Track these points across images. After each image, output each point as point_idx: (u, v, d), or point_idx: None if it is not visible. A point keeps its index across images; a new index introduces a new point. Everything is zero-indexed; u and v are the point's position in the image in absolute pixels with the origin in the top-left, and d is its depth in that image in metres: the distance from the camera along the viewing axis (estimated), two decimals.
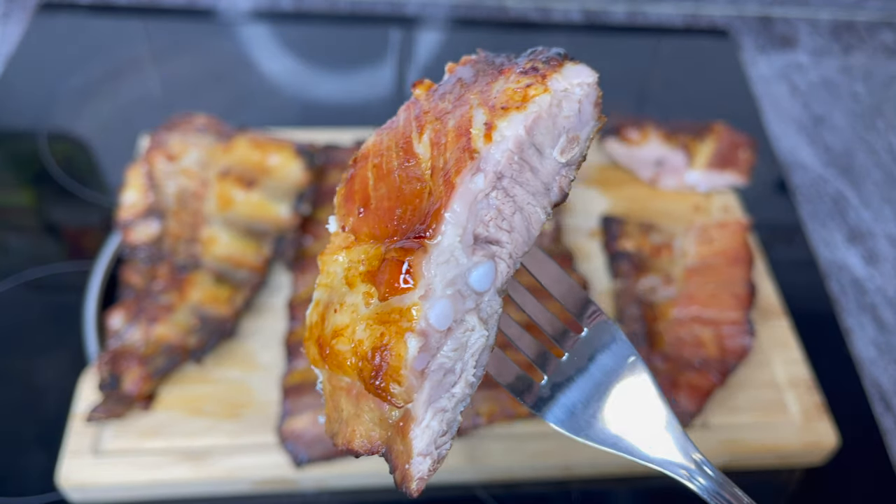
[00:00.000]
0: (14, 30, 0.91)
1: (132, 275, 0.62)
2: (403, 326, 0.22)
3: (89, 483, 0.52)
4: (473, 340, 0.23)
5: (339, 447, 0.25)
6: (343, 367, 0.24)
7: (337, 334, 0.24)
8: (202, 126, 0.68)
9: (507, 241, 0.23)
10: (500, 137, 0.22)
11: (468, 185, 0.22)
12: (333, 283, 0.25)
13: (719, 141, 0.72)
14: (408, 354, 0.22)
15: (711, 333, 0.60)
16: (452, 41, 0.96)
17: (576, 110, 0.24)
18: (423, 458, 0.23)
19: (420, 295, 0.22)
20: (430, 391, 0.23)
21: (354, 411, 0.24)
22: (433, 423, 0.23)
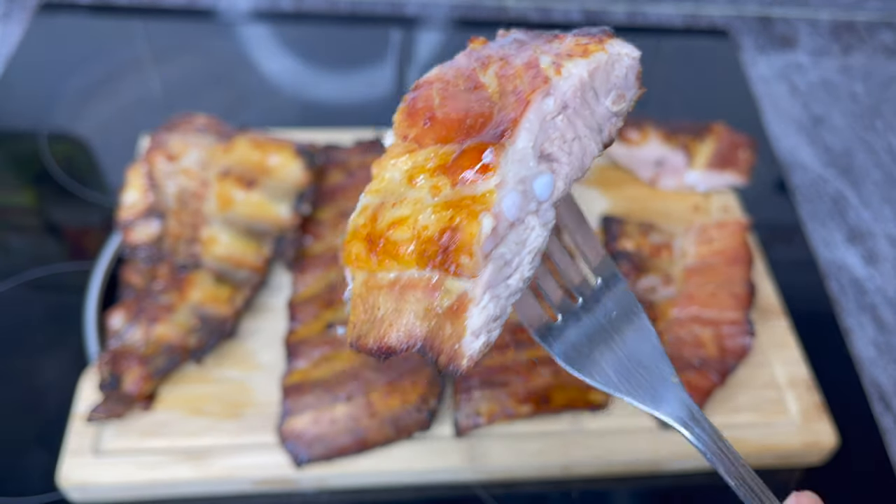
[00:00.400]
0: (14, 30, 0.91)
1: (132, 275, 0.62)
2: (477, 209, 0.23)
3: (90, 482, 0.52)
4: (532, 239, 0.25)
5: (367, 346, 0.25)
6: (397, 255, 0.24)
7: (395, 224, 0.25)
8: (202, 126, 0.68)
9: (566, 162, 0.26)
10: (568, 74, 0.26)
11: (540, 104, 0.25)
12: (389, 186, 0.26)
13: (719, 141, 0.72)
14: (481, 231, 0.23)
15: (711, 333, 0.60)
16: (453, 41, 0.96)
17: (624, 73, 0.27)
18: (474, 337, 0.24)
19: (496, 183, 0.24)
20: (491, 275, 0.24)
21: (395, 307, 0.25)
22: (489, 306, 0.24)
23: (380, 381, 0.56)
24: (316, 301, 0.61)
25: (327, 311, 0.61)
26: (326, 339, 0.59)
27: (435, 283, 0.24)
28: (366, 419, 0.54)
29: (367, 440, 0.54)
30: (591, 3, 1.01)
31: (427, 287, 0.24)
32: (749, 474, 0.28)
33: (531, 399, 0.55)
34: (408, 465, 0.54)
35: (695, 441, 0.28)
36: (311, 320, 0.60)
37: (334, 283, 0.62)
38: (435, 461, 0.55)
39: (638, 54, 0.28)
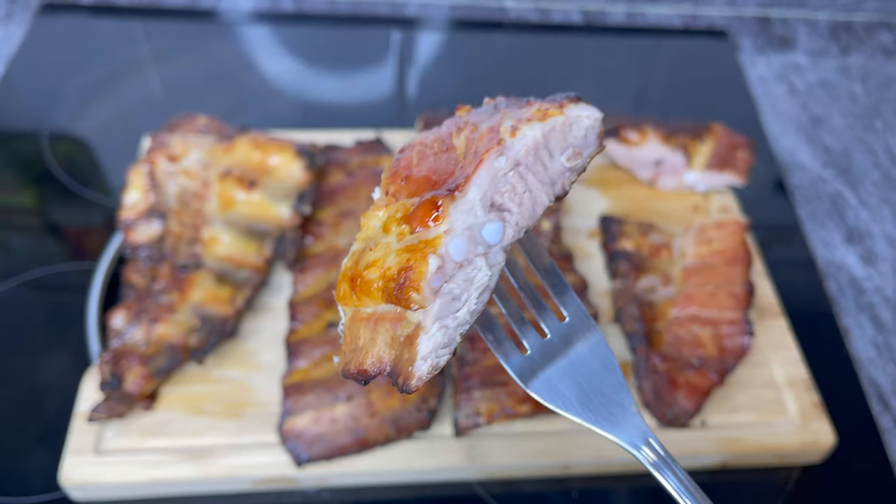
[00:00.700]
0: (16, 30, 0.91)
1: (133, 275, 0.62)
2: (427, 251, 0.28)
3: (91, 482, 0.52)
4: (479, 278, 0.29)
5: (350, 372, 0.30)
6: (370, 292, 0.29)
7: (369, 266, 0.29)
8: (203, 127, 0.68)
9: (516, 212, 0.30)
10: (522, 136, 0.30)
11: (493, 162, 0.29)
12: (371, 233, 0.31)
13: (718, 141, 0.73)
14: (428, 270, 0.27)
15: (710, 333, 0.60)
16: (452, 42, 0.96)
17: (582, 134, 0.31)
18: (423, 361, 0.28)
19: (444, 230, 0.28)
20: (440, 308, 0.28)
21: (370, 336, 0.30)
22: (437, 335, 0.28)
23: (380, 380, 0.56)
24: (316, 301, 0.61)
25: (328, 311, 0.61)
26: (327, 339, 0.59)
27: (399, 314, 0.29)
28: (366, 419, 0.55)
29: (367, 440, 0.54)
30: (591, 3, 1.01)
31: (394, 319, 0.29)
32: (697, 491, 0.31)
33: (530, 398, 0.56)
34: (408, 465, 0.55)
35: (646, 464, 0.31)
36: (311, 320, 0.61)
37: (334, 283, 0.62)
38: (435, 460, 0.55)
39: (599, 116, 0.31)
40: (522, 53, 0.95)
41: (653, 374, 0.58)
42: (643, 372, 0.58)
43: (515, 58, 0.94)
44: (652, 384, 0.57)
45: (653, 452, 0.31)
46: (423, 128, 0.73)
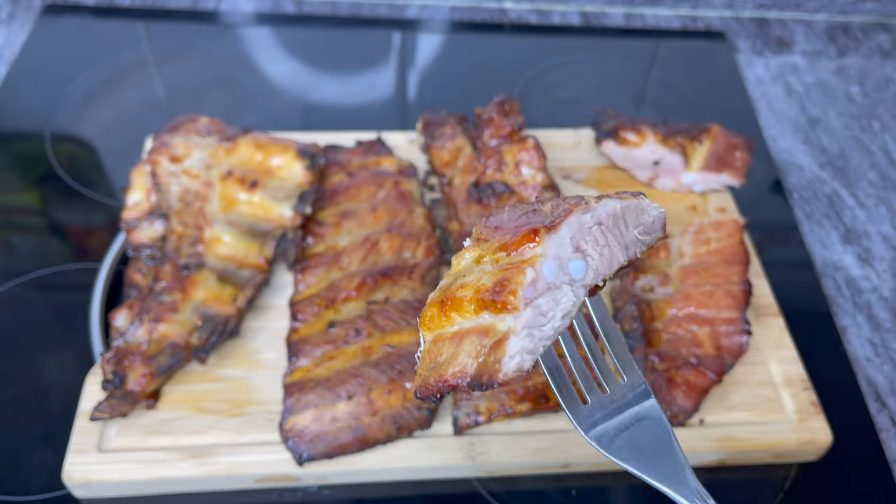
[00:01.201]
0: (19, 32, 0.92)
1: (136, 274, 0.62)
2: (524, 265, 0.31)
3: (94, 480, 0.53)
4: (564, 302, 0.33)
5: (429, 386, 0.33)
6: (461, 307, 0.32)
7: (462, 287, 0.33)
8: (205, 128, 0.69)
9: (597, 259, 0.34)
10: (605, 203, 0.35)
11: (580, 215, 0.34)
12: (461, 269, 0.34)
13: (715, 142, 0.73)
14: (525, 279, 0.31)
15: (708, 332, 0.61)
16: (453, 44, 0.97)
17: (652, 220, 0.37)
18: (511, 359, 0.31)
19: (539, 253, 0.32)
20: (530, 317, 0.32)
21: (454, 351, 0.32)
22: (525, 340, 0.31)
23: (381, 379, 0.56)
24: (317, 300, 0.62)
25: (329, 311, 0.61)
26: (328, 338, 0.59)
27: (486, 326, 0.32)
28: (367, 417, 0.55)
29: (368, 438, 0.55)
30: (589, 5, 1.02)
31: (480, 331, 0.32)
32: None
33: (530, 397, 0.56)
34: (408, 463, 0.55)
35: None
36: (312, 319, 0.61)
37: (335, 283, 0.63)
38: (435, 458, 0.55)
39: (664, 212, 0.37)
40: (522, 55, 0.95)
41: (651, 373, 0.58)
42: (642, 371, 0.58)
43: (515, 59, 0.94)
44: (650, 383, 0.58)
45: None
46: (424, 128, 0.74)
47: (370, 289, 0.62)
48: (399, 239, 0.65)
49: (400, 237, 0.65)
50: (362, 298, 0.61)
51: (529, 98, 0.89)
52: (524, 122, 0.70)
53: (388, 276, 0.63)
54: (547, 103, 0.89)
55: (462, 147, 0.71)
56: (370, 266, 0.64)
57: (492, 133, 0.70)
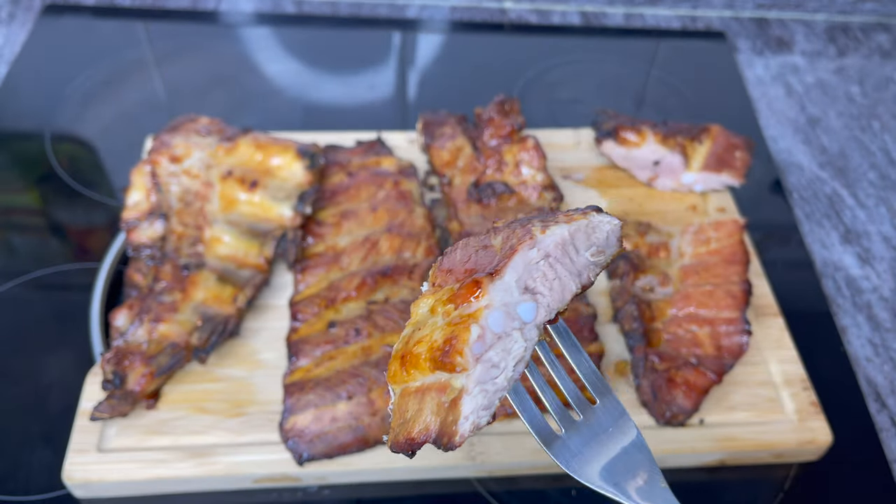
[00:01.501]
0: (19, 31, 0.92)
1: (136, 274, 0.62)
2: (469, 322, 0.31)
3: (94, 480, 0.53)
4: (515, 349, 0.32)
5: (400, 444, 0.33)
6: (418, 364, 0.32)
7: (418, 342, 0.33)
8: (205, 128, 0.69)
9: (547, 295, 0.33)
10: (551, 233, 0.34)
11: (526, 252, 0.33)
12: (419, 318, 0.34)
13: (715, 142, 0.73)
14: (470, 337, 0.31)
15: (708, 332, 0.61)
16: (453, 43, 0.97)
17: (605, 236, 0.35)
18: (465, 420, 0.31)
19: (484, 304, 0.32)
20: (481, 373, 0.31)
21: (418, 407, 0.33)
22: (479, 397, 0.31)
23: (381, 379, 0.56)
24: (317, 300, 0.62)
25: (328, 311, 0.61)
26: (328, 338, 0.59)
27: (444, 382, 0.32)
28: (367, 417, 0.55)
29: (367, 438, 0.55)
30: (589, 5, 1.02)
31: (439, 388, 0.32)
32: None
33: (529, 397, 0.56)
34: (408, 463, 0.55)
35: None
36: (312, 319, 0.61)
37: (335, 283, 0.63)
38: (435, 458, 0.55)
39: (618, 223, 0.36)
40: (522, 55, 0.95)
41: (651, 373, 0.58)
42: (641, 371, 0.59)
43: (515, 59, 0.95)
44: (650, 383, 0.58)
45: None
46: (424, 128, 0.74)
47: (370, 289, 0.62)
48: (399, 239, 0.65)
49: (400, 237, 0.65)
50: (362, 298, 0.61)
51: (529, 98, 0.89)
52: (524, 122, 0.70)
53: (388, 276, 0.63)
54: (547, 103, 0.89)
55: (462, 147, 0.71)
56: (370, 266, 0.64)
57: (492, 133, 0.70)
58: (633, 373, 0.60)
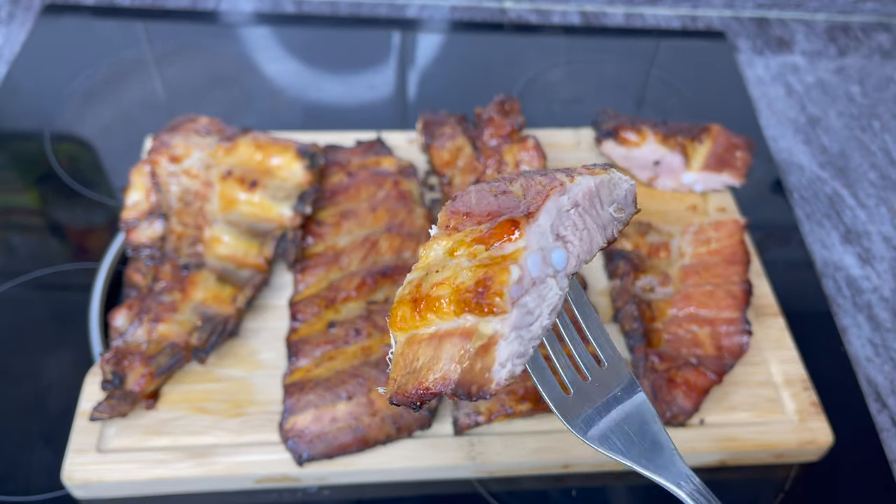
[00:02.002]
0: (18, 31, 0.92)
1: (135, 274, 0.62)
2: (507, 263, 0.29)
3: (93, 480, 0.53)
4: (550, 296, 0.31)
5: (407, 394, 0.30)
6: (438, 308, 0.30)
7: (436, 285, 0.30)
8: (205, 127, 0.69)
9: (577, 245, 0.32)
10: (579, 182, 0.33)
11: (557, 198, 0.32)
12: (432, 261, 0.32)
13: (716, 142, 0.73)
14: (510, 278, 0.29)
15: (708, 332, 0.61)
16: (453, 43, 0.97)
17: (624, 194, 0.35)
18: (501, 367, 0.29)
19: (523, 245, 0.30)
20: (517, 318, 0.29)
21: (433, 354, 0.30)
22: (514, 343, 0.29)
23: (381, 379, 0.56)
24: (317, 300, 0.62)
25: (328, 311, 0.61)
26: (327, 338, 0.59)
27: (469, 328, 0.29)
28: (367, 417, 0.55)
29: (367, 438, 0.55)
30: (589, 5, 1.02)
31: (462, 334, 0.29)
32: None
33: (529, 397, 0.56)
34: (408, 463, 0.55)
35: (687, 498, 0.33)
36: (312, 319, 0.61)
37: (335, 283, 0.63)
38: (435, 459, 0.55)
39: (634, 184, 0.36)
40: (522, 55, 0.95)
41: (651, 374, 0.58)
42: (642, 371, 0.58)
43: (515, 59, 0.94)
44: (650, 383, 0.58)
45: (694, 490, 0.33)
46: (424, 128, 0.74)
47: (370, 289, 0.62)
48: (399, 239, 0.65)
49: (400, 237, 0.65)
50: (362, 298, 0.61)
51: (529, 98, 0.89)
52: (524, 122, 0.70)
53: (388, 276, 0.62)
54: (547, 103, 0.89)
55: (462, 147, 0.71)
56: (370, 266, 0.64)
57: (492, 133, 0.70)
58: (634, 373, 0.60)
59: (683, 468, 0.33)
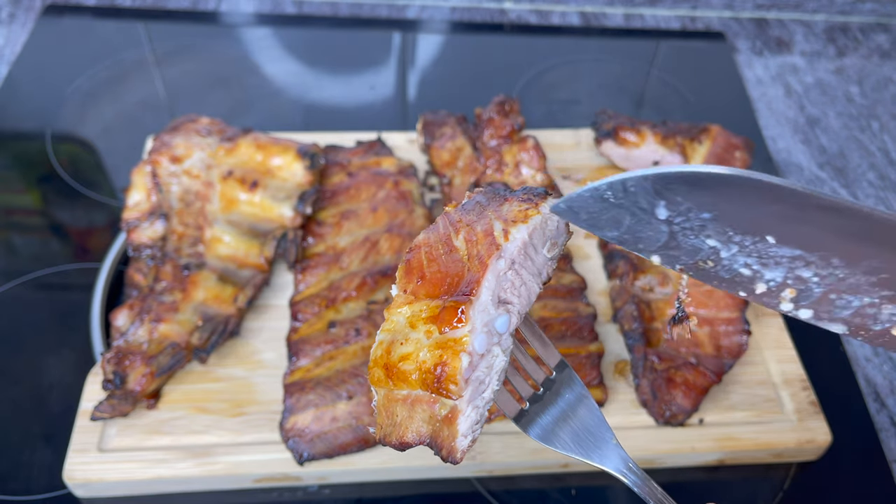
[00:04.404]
0: (19, 32, 0.92)
1: (137, 274, 0.62)
2: (457, 349, 0.33)
3: (94, 480, 0.53)
4: (497, 363, 0.35)
5: (392, 443, 0.35)
6: (407, 381, 0.34)
7: (403, 358, 0.35)
8: (206, 128, 0.69)
9: (517, 302, 0.35)
10: (513, 238, 0.35)
11: (496, 265, 0.35)
12: (396, 327, 0.36)
13: (715, 143, 0.73)
14: (461, 365, 0.33)
15: (707, 332, 0.61)
16: (453, 44, 0.97)
17: (556, 226, 0.37)
18: (464, 438, 0.34)
19: (468, 329, 0.34)
20: (471, 393, 0.34)
21: (408, 414, 0.35)
22: (472, 415, 0.34)
23: None
24: (317, 300, 0.62)
25: (329, 311, 0.61)
26: (328, 338, 0.60)
27: (434, 398, 0.34)
28: (367, 417, 0.55)
29: (368, 437, 0.55)
30: (589, 6, 1.02)
31: (429, 401, 0.34)
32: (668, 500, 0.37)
33: None
34: (408, 462, 0.55)
35: (630, 485, 0.38)
36: (312, 319, 0.61)
37: (335, 283, 0.63)
38: (435, 458, 0.55)
39: None
40: (522, 55, 0.95)
41: (650, 373, 0.58)
42: (641, 371, 0.59)
43: (515, 59, 0.95)
44: (650, 383, 0.58)
45: (634, 475, 0.38)
46: (424, 128, 0.74)
47: (370, 289, 0.62)
48: (399, 239, 0.65)
49: (400, 237, 0.65)
50: (362, 298, 0.62)
51: (529, 98, 0.89)
52: (524, 122, 0.70)
53: (388, 276, 0.63)
54: (546, 103, 0.89)
55: (462, 147, 0.71)
56: (370, 266, 0.64)
57: (492, 133, 0.70)
58: (633, 373, 0.60)
59: (625, 456, 0.38)
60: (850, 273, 0.30)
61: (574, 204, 0.34)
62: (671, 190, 0.31)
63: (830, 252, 0.30)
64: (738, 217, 0.31)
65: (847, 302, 0.31)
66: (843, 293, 0.31)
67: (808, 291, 0.31)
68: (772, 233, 0.30)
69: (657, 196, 0.31)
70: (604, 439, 0.38)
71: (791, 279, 0.31)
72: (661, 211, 0.32)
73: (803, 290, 0.31)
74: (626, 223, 0.33)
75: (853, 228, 0.29)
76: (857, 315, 0.31)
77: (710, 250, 0.32)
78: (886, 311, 0.30)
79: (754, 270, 0.32)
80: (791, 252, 0.31)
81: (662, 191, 0.31)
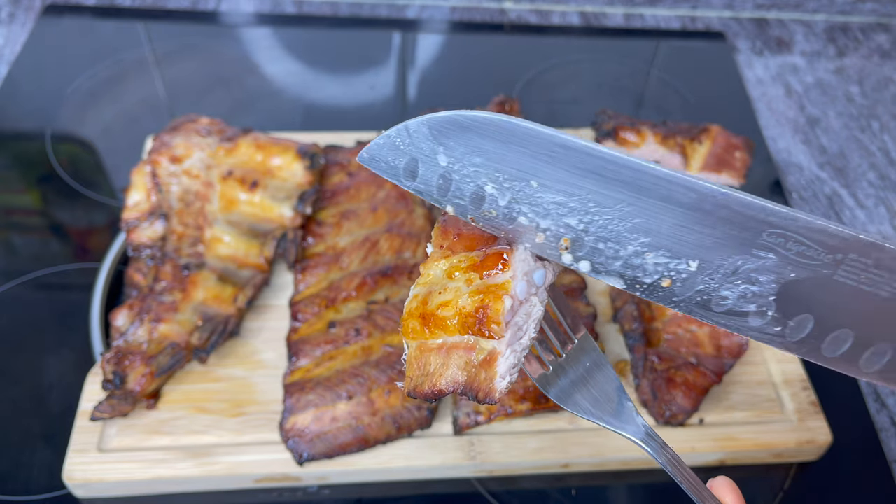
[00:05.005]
0: (19, 32, 0.92)
1: (136, 274, 0.62)
2: (500, 293, 0.34)
3: (94, 480, 0.53)
4: (535, 311, 0.36)
5: (424, 392, 0.36)
6: (444, 326, 0.35)
7: (442, 306, 0.35)
8: (206, 128, 0.69)
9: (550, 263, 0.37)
10: None
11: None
12: (433, 280, 0.36)
13: (715, 143, 0.73)
14: (504, 307, 0.34)
15: (707, 332, 0.61)
16: (453, 44, 0.97)
17: None
18: (502, 379, 0.35)
19: (510, 276, 0.34)
20: (510, 337, 0.35)
21: (442, 362, 0.36)
22: (510, 357, 0.35)
23: (381, 379, 0.57)
24: (317, 300, 0.62)
25: (329, 311, 0.61)
26: (328, 338, 0.60)
27: (471, 344, 0.35)
28: (367, 417, 0.55)
29: (368, 438, 0.55)
30: (589, 5, 1.02)
31: (466, 347, 0.35)
32: (689, 473, 0.38)
33: (529, 397, 0.56)
34: (408, 463, 0.55)
35: (651, 452, 0.38)
36: (312, 319, 0.61)
37: (335, 283, 0.63)
38: (435, 458, 0.55)
39: None
40: (522, 55, 0.95)
41: (651, 373, 0.58)
42: (641, 371, 0.59)
43: (515, 59, 0.95)
44: (650, 383, 0.58)
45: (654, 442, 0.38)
46: None
47: (370, 289, 0.62)
48: (399, 239, 0.65)
49: (400, 237, 0.65)
50: (362, 298, 0.62)
51: (529, 98, 0.89)
52: None
53: (388, 276, 0.63)
54: (547, 103, 0.89)
55: None
56: (370, 266, 0.64)
57: None
58: (633, 373, 0.60)
59: (644, 423, 0.38)
60: (608, 219, 0.32)
61: (373, 153, 0.36)
62: (445, 134, 0.32)
63: (586, 197, 0.31)
64: (503, 161, 0.32)
65: (615, 251, 0.32)
66: (609, 241, 0.32)
67: (580, 241, 0.33)
68: (533, 177, 0.32)
69: (436, 142, 0.33)
70: (622, 405, 0.39)
71: (562, 227, 0.33)
72: (442, 157, 0.33)
73: (575, 239, 0.33)
74: (419, 172, 0.34)
75: (602, 171, 0.31)
76: (628, 266, 0.32)
77: (491, 198, 0.33)
78: (650, 260, 0.32)
79: (530, 219, 0.33)
80: (553, 197, 0.32)
81: (439, 136, 0.33)
